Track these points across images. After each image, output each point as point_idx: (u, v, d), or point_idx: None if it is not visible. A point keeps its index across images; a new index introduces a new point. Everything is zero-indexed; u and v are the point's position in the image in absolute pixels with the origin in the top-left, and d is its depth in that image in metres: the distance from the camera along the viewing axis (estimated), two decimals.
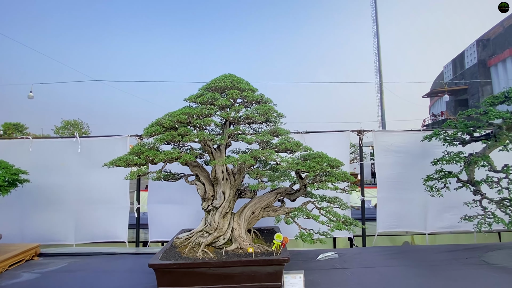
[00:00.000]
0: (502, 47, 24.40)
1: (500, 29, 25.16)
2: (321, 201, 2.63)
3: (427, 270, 2.70)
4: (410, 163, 3.78)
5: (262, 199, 2.71)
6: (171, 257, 2.38)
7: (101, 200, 3.79)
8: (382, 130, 3.82)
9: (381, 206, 3.80)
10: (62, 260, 3.19)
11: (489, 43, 26.07)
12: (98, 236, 3.78)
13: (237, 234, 2.57)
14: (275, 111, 2.51)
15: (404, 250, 3.26)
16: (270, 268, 2.25)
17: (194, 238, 2.60)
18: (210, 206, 2.61)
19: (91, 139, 3.90)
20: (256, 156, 2.21)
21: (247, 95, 2.41)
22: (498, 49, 24.92)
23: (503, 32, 24.71)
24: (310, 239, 2.30)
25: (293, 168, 2.16)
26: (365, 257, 3.09)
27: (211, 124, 2.37)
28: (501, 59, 24.26)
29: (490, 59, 25.47)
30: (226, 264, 2.23)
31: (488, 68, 25.72)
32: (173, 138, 2.18)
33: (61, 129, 28.41)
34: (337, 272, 2.70)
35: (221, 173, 2.56)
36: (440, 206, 3.72)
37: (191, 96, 2.55)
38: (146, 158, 2.14)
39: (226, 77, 2.53)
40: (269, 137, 2.33)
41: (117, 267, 2.96)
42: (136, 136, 3.79)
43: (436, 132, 3.31)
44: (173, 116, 2.26)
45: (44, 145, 3.82)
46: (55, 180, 3.75)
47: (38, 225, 3.72)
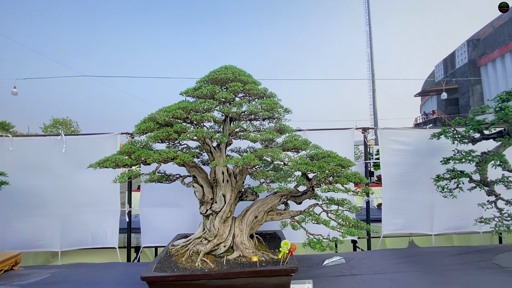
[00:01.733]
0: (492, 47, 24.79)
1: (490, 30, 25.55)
2: (330, 203, 2.43)
3: (441, 276, 2.54)
4: (416, 162, 3.63)
5: (265, 202, 2.50)
6: (167, 267, 2.14)
7: (89, 202, 3.51)
8: (388, 128, 3.65)
9: (386, 207, 3.64)
10: (45, 270, 2.91)
11: (479, 43, 26.46)
12: (86, 242, 3.50)
13: (239, 241, 2.35)
14: (280, 106, 2.30)
15: (412, 254, 3.11)
16: (277, 279, 2.04)
17: (191, 245, 2.37)
18: (209, 210, 2.39)
19: (77, 137, 3.60)
20: (262, 155, 1.99)
21: (250, 88, 2.19)
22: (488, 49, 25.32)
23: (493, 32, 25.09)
24: (320, 246, 2.10)
25: (303, 168, 1.95)
26: (374, 262, 2.92)
27: (210, 120, 2.14)
28: (491, 59, 24.64)
29: (480, 59, 25.85)
30: (229, 276, 2.01)
31: (478, 68, 26.10)
32: (168, 135, 1.94)
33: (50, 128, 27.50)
34: (346, 279, 2.52)
35: (221, 174, 2.33)
36: (447, 207, 3.59)
37: (188, 90, 2.31)
38: (137, 158, 1.90)
39: (227, 69, 2.30)
40: (275, 135, 2.12)
41: (106, 277, 2.70)
42: (127, 134, 3.52)
43: (445, 130, 3.16)
44: (168, 111, 2.02)
45: (26, 143, 3.51)
46: (38, 181, 3.45)
47: (19, 231, 3.42)
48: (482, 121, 2.89)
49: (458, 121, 3.14)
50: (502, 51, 23.37)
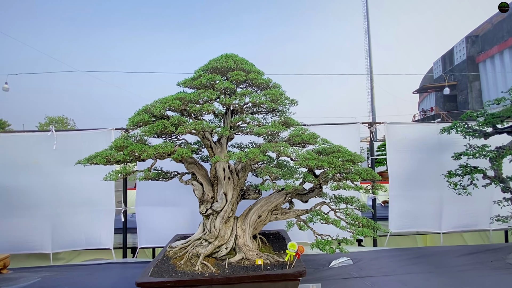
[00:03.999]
0: (490, 43, 24.71)
1: (488, 26, 25.46)
2: (338, 202, 2.28)
3: (455, 277, 2.40)
4: (424, 158, 3.49)
5: (269, 201, 2.34)
6: (164, 271, 1.98)
7: (82, 202, 3.33)
8: (395, 122, 3.49)
9: (393, 204, 3.50)
10: (35, 273, 2.74)
11: (478, 40, 26.37)
12: (79, 243, 3.32)
13: (242, 242, 2.19)
14: (286, 97, 2.13)
15: (422, 254, 2.97)
16: (283, 284, 1.89)
17: (191, 247, 2.21)
18: (210, 209, 2.22)
19: (69, 134, 3.42)
20: (267, 150, 1.83)
21: (254, 77, 2.01)
22: (486, 46, 25.24)
23: (492, 28, 25.01)
24: (330, 248, 1.95)
25: (312, 164, 1.79)
26: (382, 262, 2.78)
27: (210, 112, 1.96)
28: (489, 56, 24.58)
29: (479, 56, 25.78)
30: (231, 281, 1.85)
31: (476, 64, 26.03)
32: (165, 128, 1.76)
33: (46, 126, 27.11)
34: (355, 282, 2.37)
35: (223, 171, 2.17)
36: (456, 204, 3.45)
37: (186, 80, 2.14)
38: (131, 153, 1.72)
39: (228, 57, 2.12)
40: (281, 128, 1.95)
41: (100, 281, 2.54)
42: (122, 129, 3.34)
43: (456, 124, 3.01)
44: (164, 102, 1.85)
45: (13, 140, 3.31)
46: (27, 180, 3.26)
47: (8, 233, 3.23)
48: (496, 114, 2.74)
49: (469, 115, 2.99)
50: (501, 48, 23.29)
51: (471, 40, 26.60)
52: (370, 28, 25.68)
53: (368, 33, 26.26)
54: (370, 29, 25.29)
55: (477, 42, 26.35)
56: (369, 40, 26.47)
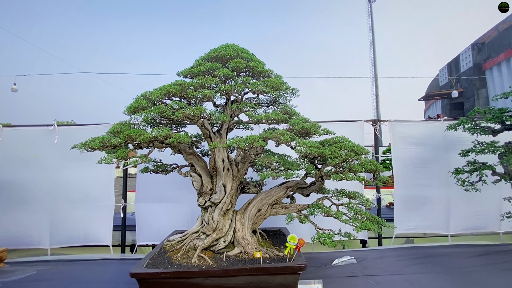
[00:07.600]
0: (497, 50, 24.47)
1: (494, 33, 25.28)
2: (341, 196, 2.20)
3: (465, 279, 2.28)
4: (431, 157, 3.39)
5: (269, 194, 2.28)
6: (159, 263, 1.92)
7: (81, 198, 3.29)
8: (400, 120, 3.42)
9: (398, 205, 3.39)
10: (30, 267, 2.69)
11: (484, 47, 26.16)
12: (77, 239, 3.28)
13: (241, 236, 2.12)
14: (287, 87, 2.09)
15: (430, 254, 2.85)
16: (283, 278, 1.81)
17: (188, 240, 2.15)
18: (208, 202, 2.17)
19: (70, 128, 3.42)
20: (267, 137, 1.78)
21: (254, 65, 1.98)
22: (493, 53, 25.02)
23: (498, 36, 24.82)
24: (331, 242, 1.87)
25: (314, 152, 1.73)
26: (388, 262, 2.67)
27: (209, 97, 1.92)
28: (496, 63, 24.32)
29: (485, 63, 25.53)
30: (228, 273, 1.78)
31: (483, 72, 25.81)
32: (162, 112, 1.73)
33: None
34: (359, 280, 2.27)
35: (222, 162, 2.12)
36: (464, 205, 3.33)
37: (185, 70, 2.11)
38: (127, 137, 1.69)
39: (229, 46, 2.10)
40: (281, 117, 1.90)
41: (96, 276, 2.48)
42: None
43: (463, 121, 2.93)
44: (163, 88, 1.82)
45: (15, 134, 3.32)
46: (27, 174, 3.25)
47: (6, 227, 3.20)
48: (505, 109, 2.66)
49: (477, 111, 2.91)
50: (508, 55, 23.03)
51: (477, 47, 26.41)
52: (374, 34, 25.79)
53: (373, 41, 26.34)
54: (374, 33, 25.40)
55: (483, 49, 26.15)
56: (374, 48, 26.51)
